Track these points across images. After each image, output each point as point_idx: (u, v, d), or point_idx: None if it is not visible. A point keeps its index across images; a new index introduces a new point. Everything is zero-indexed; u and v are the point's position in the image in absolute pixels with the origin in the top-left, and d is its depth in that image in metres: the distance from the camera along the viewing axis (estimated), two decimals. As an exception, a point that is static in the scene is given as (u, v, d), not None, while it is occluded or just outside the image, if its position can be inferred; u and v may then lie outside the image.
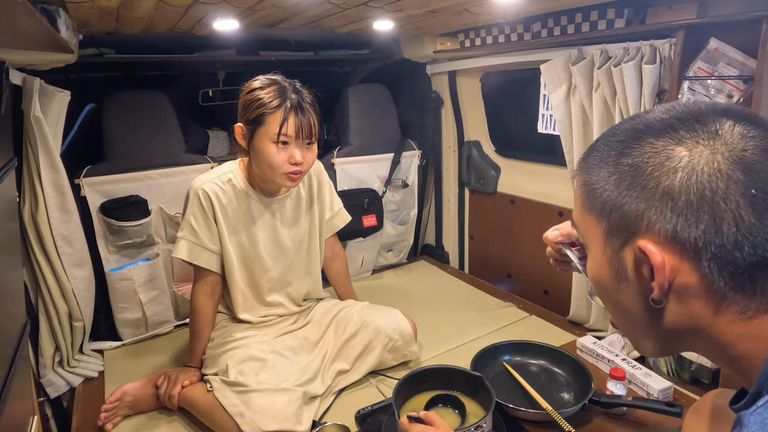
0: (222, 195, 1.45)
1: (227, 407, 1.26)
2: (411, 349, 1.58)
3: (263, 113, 1.34)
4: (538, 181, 2.14)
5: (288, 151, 1.36)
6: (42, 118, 1.43)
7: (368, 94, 2.37)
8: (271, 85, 1.37)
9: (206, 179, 1.46)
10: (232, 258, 1.48)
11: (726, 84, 1.33)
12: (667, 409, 1.24)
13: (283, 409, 1.24)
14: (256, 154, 1.38)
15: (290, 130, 1.34)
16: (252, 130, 1.37)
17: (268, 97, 1.35)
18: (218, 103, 2.73)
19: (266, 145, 1.35)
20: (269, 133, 1.34)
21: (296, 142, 1.36)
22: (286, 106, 1.34)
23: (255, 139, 1.37)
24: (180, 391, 1.41)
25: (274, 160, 1.35)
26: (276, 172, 1.37)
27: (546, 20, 1.67)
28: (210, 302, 1.48)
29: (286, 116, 1.33)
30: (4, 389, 0.91)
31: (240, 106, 1.41)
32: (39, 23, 0.90)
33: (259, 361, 1.36)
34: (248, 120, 1.37)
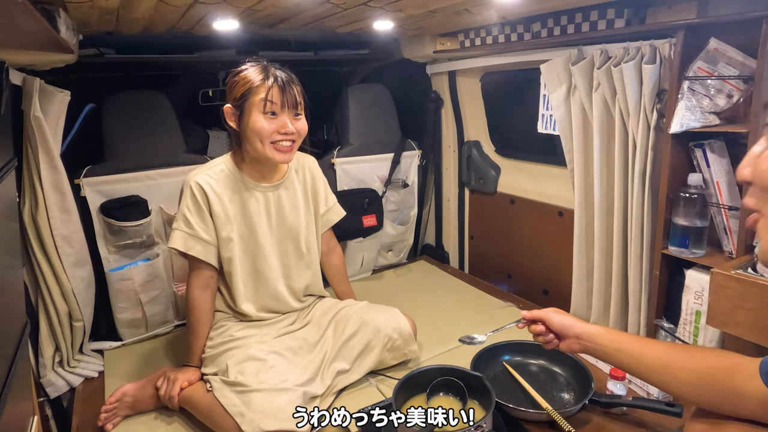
0: (216, 185, 1.46)
1: (227, 407, 1.26)
2: (411, 348, 1.58)
3: (249, 88, 1.39)
4: (538, 181, 2.14)
5: (277, 121, 1.40)
6: (42, 118, 1.43)
7: (368, 94, 2.37)
8: (254, 65, 1.43)
9: (199, 172, 1.48)
10: (232, 247, 1.49)
11: (726, 84, 1.33)
12: (667, 409, 1.24)
13: (283, 409, 1.24)
14: (246, 128, 1.41)
15: (276, 97, 1.39)
16: (240, 106, 1.41)
17: (251, 73, 1.41)
18: (218, 103, 2.72)
19: (255, 116, 1.39)
20: (256, 103, 1.38)
21: (284, 112, 1.41)
22: (269, 78, 1.40)
23: (244, 114, 1.41)
24: (180, 392, 1.41)
25: (263, 130, 1.39)
26: (265, 142, 1.40)
27: (546, 20, 1.67)
28: (205, 296, 1.48)
29: (271, 86, 1.39)
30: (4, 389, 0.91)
31: (227, 90, 1.45)
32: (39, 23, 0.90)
33: (259, 361, 1.36)
34: (235, 99, 1.41)
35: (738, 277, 1.14)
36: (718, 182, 1.37)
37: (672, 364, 0.99)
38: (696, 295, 1.41)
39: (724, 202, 1.37)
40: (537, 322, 1.23)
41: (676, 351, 1.02)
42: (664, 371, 1.00)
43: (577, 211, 1.78)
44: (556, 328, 1.19)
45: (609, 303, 1.74)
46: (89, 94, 2.30)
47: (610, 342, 1.09)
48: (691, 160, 1.43)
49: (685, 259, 1.42)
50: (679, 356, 0.99)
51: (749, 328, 1.13)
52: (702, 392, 0.93)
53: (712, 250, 1.42)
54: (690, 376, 0.95)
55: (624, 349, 1.07)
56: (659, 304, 1.55)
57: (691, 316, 1.43)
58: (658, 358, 1.01)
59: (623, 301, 1.69)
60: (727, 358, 0.93)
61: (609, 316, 1.74)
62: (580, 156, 1.73)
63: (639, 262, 1.58)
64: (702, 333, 1.41)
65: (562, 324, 1.18)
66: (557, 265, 2.04)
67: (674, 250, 1.44)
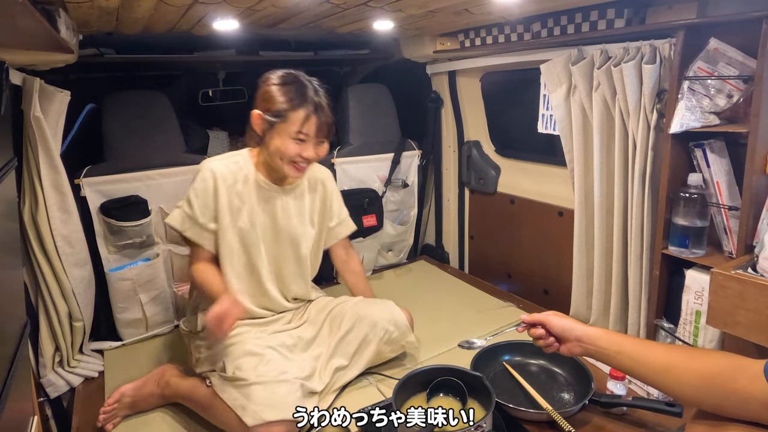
0: (228, 175, 1.47)
1: (228, 401, 1.26)
2: (408, 339, 1.58)
3: (285, 109, 1.38)
4: (538, 181, 2.14)
5: (302, 146, 1.41)
6: (42, 118, 1.43)
7: (368, 94, 2.37)
8: (293, 82, 1.42)
9: (216, 159, 1.50)
10: (230, 238, 1.49)
11: (726, 84, 1.33)
12: (667, 409, 1.24)
13: (284, 399, 1.24)
14: (271, 143, 1.43)
15: (310, 129, 1.40)
16: (271, 123, 1.40)
17: (290, 93, 1.39)
18: (218, 103, 2.73)
19: (284, 139, 1.40)
20: (289, 130, 1.39)
21: (311, 139, 1.41)
22: (308, 105, 1.39)
23: (273, 131, 1.41)
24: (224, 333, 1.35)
25: (287, 152, 1.40)
26: (285, 160, 1.42)
27: (546, 20, 1.67)
28: (206, 264, 1.50)
29: (308, 116, 1.38)
30: (4, 389, 0.91)
31: (260, 96, 1.44)
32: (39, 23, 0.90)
33: (257, 356, 1.36)
34: (268, 111, 1.41)
35: (738, 277, 1.14)
36: (718, 182, 1.37)
37: (673, 366, 0.99)
38: (696, 295, 1.41)
39: (724, 202, 1.37)
40: (537, 326, 1.22)
41: (678, 353, 1.02)
42: (665, 373, 1.00)
43: (577, 211, 1.78)
44: (557, 331, 1.18)
45: (609, 303, 1.74)
46: (89, 94, 2.30)
47: (611, 344, 1.09)
48: (691, 160, 1.43)
49: (685, 259, 1.42)
50: (680, 358, 0.99)
51: (749, 328, 1.13)
52: (704, 394, 0.93)
53: (712, 250, 1.42)
54: (691, 377, 0.95)
55: (625, 351, 1.07)
56: (659, 304, 1.55)
57: (691, 316, 1.43)
58: (659, 360, 1.01)
59: (623, 301, 1.69)
60: (729, 359, 0.93)
61: (609, 316, 1.74)
62: (580, 156, 1.73)
63: (639, 262, 1.58)
64: (702, 333, 1.41)
65: (562, 327, 1.17)
66: (557, 265, 2.04)
67: (674, 250, 1.44)
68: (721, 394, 0.90)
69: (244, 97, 2.76)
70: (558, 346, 1.20)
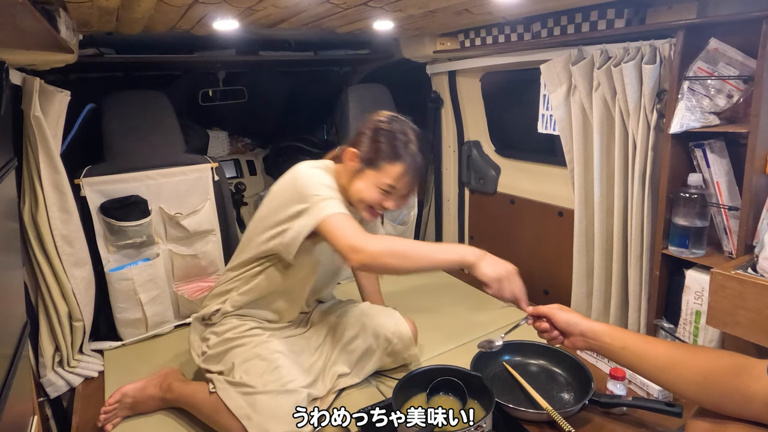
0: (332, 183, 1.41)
1: (233, 409, 1.26)
2: (411, 352, 1.57)
3: (382, 160, 1.34)
4: (538, 181, 2.14)
5: (386, 197, 1.37)
6: (42, 118, 1.43)
7: (368, 94, 2.37)
8: (398, 132, 1.36)
9: (321, 165, 1.41)
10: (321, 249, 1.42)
11: (726, 84, 1.33)
12: (667, 409, 1.24)
13: (290, 411, 1.24)
14: (355, 182, 1.37)
15: (402, 186, 1.36)
16: (363, 164, 1.36)
17: (392, 145, 1.34)
18: (218, 103, 2.73)
19: (370, 186, 1.35)
20: (379, 180, 1.34)
21: (398, 193, 1.37)
22: (407, 162, 1.34)
23: (363, 174, 1.36)
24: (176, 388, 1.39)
25: (369, 199, 1.36)
26: (363, 204, 1.38)
27: (546, 20, 1.67)
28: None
29: (404, 173, 1.34)
30: (4, 389, 0.91)
31: (360, 134, 1.39)
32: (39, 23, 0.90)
33: (265, 360, 1.35)
34: (364, 155, 1.36)
35: (738, 277, 1.14)
36: (718, 182, 1.37)
37: (676, 363, 0.99)
38: (696, 295, 1.41)
39: (724, 202, 1.37)
40: (542, 318, 1.22)
41: (681, 350, 1.02)
42: (668, 370, 1.00)
43: (577, 211, 1.78)
44: (561, 325, 1.18)
45: (609, 303, 1.74)
46: (89, 94, 2.30)
47: (615, 340, 1.09)
48: (691, 160, 1.43)
49: (685, 259, 1.42)
50: (683, 355, 0.99)
51: (749, 328, 1.13)
52: (706, 392, 0.93)
53: (712, 250, 1.42)
54: (694, 375, 0.95)
55: (628, 347, 1.07)
56: (659, 304, 1.55)
57: (691, 316, 1.43)
58: (663, 357, 1.01)
59: (623, 301, 1.69)
60: (732, 358, 0.93)
61: (609, 316, 1.74)
62: (580, 156, 1.73)
63: (639, 262, 1.58)
64: (702, 333, 1.41)
65: (567, 321, 1.17)
66: (557, 265, 2.04)
67: (674, 250, 1.44)
68: (723, 392, 0.90)
69: (244, 97, 2.76)
70: (562, 340, 1.20)
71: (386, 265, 1.21)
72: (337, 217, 1.24)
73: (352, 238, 1.21)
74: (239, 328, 1.45)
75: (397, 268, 1.22)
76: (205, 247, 1.98)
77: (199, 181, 1.94)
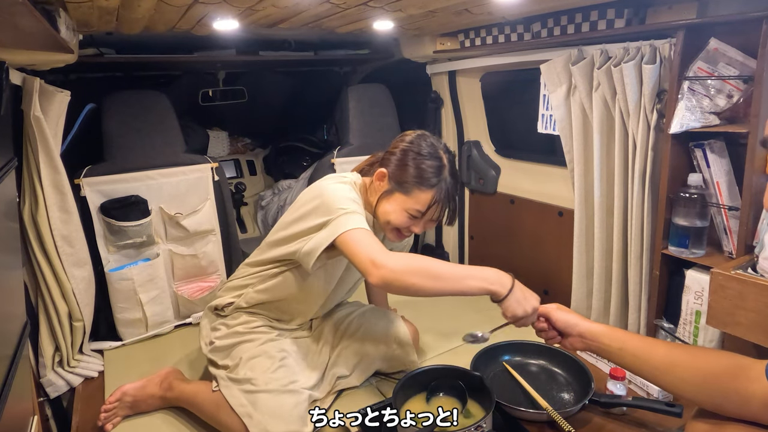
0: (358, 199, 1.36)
1: (235, 407, 1.26)
2: (410, 358, 1.56)
3: (414, 185, 1.30)
4: (538, 181, 2.14)
5: (414, 221, 1.34)
6: (42, 118, 1.43)
7: (368, 94, 2.37)
8: (432, 158, 1.32)
9: (349, 180, 1.38)
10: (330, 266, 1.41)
11: (726, 84, 1.33)
12: (667, 409, 1.24)
13: (291, 411, 1.24)
14: (384, 204, 1.35)
15: (431, 213, 1.33)
16: (394, 188, 1.33)
17: (426, 172, 1.30)
18: (218, 103, 2.73)
19: (398, 210, 1.32)
20: (408, 205, 1.31)
21: (426, 218, 1.34)
22: (440, 189, 1.30)
23: (392, 197, 1.33)
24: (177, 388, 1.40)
25: (396, 222, 1.33)
26: (389, 226, 1.35)
27: (546, 20, 1.67)
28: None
29: (436, 201, 1.31)
30: (4, 389, 0.91)
31: (392, 155, 1.36)
32: (39, 23, 0.90)
33: (271, 358, 1.35)
34: (395, 177, 1.32)
35: (738, 277, 1.14)
36: (718, 182, 1.37)
37: (675, 364, 0.99)
38: (696, 295, 1.41)
39: (724, 202, 1.37)
40: (540, 318, 1.22)
41: (680, 351, 1.02)
42: (666, 371, 1.00)
43: (577, 211, 1.78)
44: (560, 325, 1.18)
45: (609, 303, 1.74)
46: (89, 94, 2.30)
47: (613, 341, 1.09)
48: (691, 160, 1.42)
49: (685, 259, 1.42)
50: (682, 356, 0.99)
51: (749, 328, 1.13)
52: (705, 393, 0.93)
53: (712, 250, 1.42)
54: (693, 376, 0.95)
55: (627, 348, 1.07)
56: (659, 304, 1.55)
57: (691, 316, 1.43)
58: (661, 358, 1.01)
59: (623, 301, 1.69)
60: (731, 359, 0.93)
61: (609, 316, 1.74)
62: (580, 156, 1.73)
63: (639, 262, 1.58)
64: (702, 333, 1.41)
65: (565, 322, 1.17)
66: (557, 265, 2.04)
67: (674, 250, 1.44)
68: (722, 393, 0.90)
69: (244, 97, 2.76)
70: (560, 339, 1.20)
71: (409, 284, 1.12)
72: (357, 232, 1.19)
73: (373, 253, 1.14)
74: (250, 323, 1.45)
75: (422, 289, 1.13)
76: (205, 247, 1.98)
77: (199, 181, 1.94)
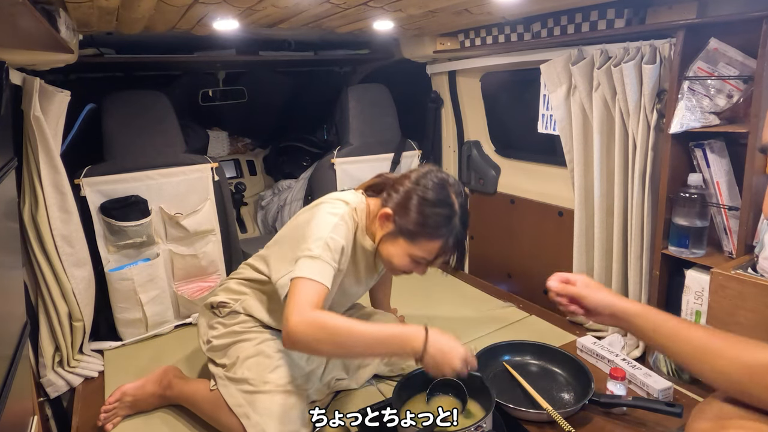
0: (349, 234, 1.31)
1: (233, 407, 1.26)
2: (409, 362, 1.54)
3: (420, 235, 1.23)
4: (538, 181, 2.14)
5: (417, 265, 1.29)
6: (42, 118, 1.43)
7: (368, 94, 2.37)
8: (442, 206, 1.23)
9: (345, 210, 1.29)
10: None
11: (726, 84, 1.33)
12: (667, 409, 1.24)
13: (289, 412, 1.24)
14: (387, 246, 1.28)
15: (437, 261, 1.28)
16: (398, 233, 1.25)
17: (434, 220, 1.22)
18: (218, 103, 2.73)
19: (401, 254, 1.26)
20: (413, 252, 1.25)
21: (432, 263, 1.30)
22: (447, 239, 1.23)
23: (397, 241, 1.26)
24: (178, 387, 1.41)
25: (398, 266, 1.29)
26: (390, 267, 1.31)
27: (546, 20, 1.67)
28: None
29: (443, 250, 1.25)
30: (4, 389, 0.91)
31: (398, 196, 1.26)
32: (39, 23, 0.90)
33: (268, 358, 1.35)
34: (401, 224, 1.24)
35: (738, 277, 1.14)
36: (718, 182, 1.37)
37: (710, 352, 0.93)
38: (696, 295, 1.41)
39: (724, 202, 1.37)
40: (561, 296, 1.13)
41: (717, 338, 0.95)
42: (701, 358, 0.94)
43: (577, 211, 1.78)
44: (591, 306, 1.09)
45: (609, 303, 1.74)
46: (89, 94, 2.30)
47: (647, 322, 1.02)
48: (691, 160, 1.43)
49: (685, 259, 1.42)
50: (718, 343, 0.93)
51: (749, 328, 1.13)
52: (737, 384, 0.88)
53: (712, 250, 1.42)
54: (727, 365, 0.90)
55: (661, 331, 0.99)
56: (659, 304, 1.55)
57: (691, 316, 1.43)
58: (696, 343, 0.95)
59: (623, 301, 1.69)
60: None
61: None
62: (580, 156, 1.73)
63: (639, 262, 1.58)
64: (702, 333, 1.41)
65: (598, 302, 1.08)
66: (557, 265, 2.03)
67: (674, 250, 1.44)
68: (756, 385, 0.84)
69: (244, 97, 2.76)
70: (582, 313, 1.11)
71: (314, 350, 1.13)
72: (304, 283, 1.13)
73: (297, 309, 1.09)
74: (247, 323, 1.45)
75: (328, 354, 1.16)
76: (205, 247, 1.98)
77: (199, 181, 1.94)
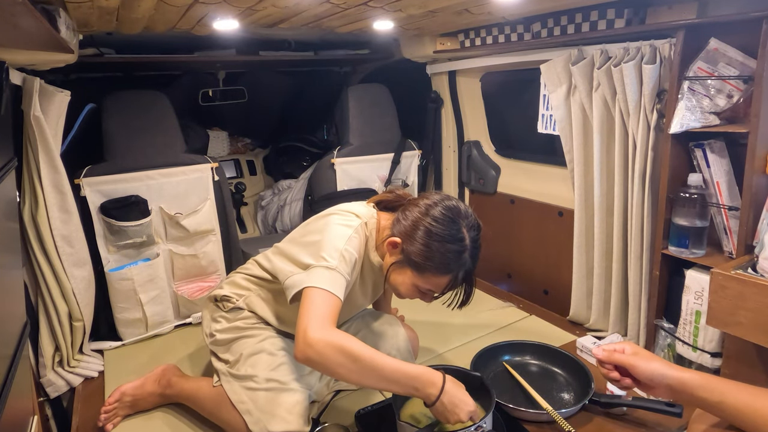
0: (361, 247, 1.30)
1: (236, 403, 1.26)
2: None
3: (428, 270, 1.20)
4: (538, 181, 2.14)
5: (423, 295, 1.29)
6: (42, 118, 1.43)
7: (368, 94, 2.37)
8: (453, 241, 1.20)
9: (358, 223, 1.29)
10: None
11: (726, 84, 1.33)
12: (667, 409, 1.24)
13: (291, 410, 1.24)
14: (394, 274, 1.26)
15: (445, 296, 1.28)
16: (406, 263, 1.23)
17: (444, 257, 1.19)
18: (218, 103, 2.73)
19: (409, 284, 1.25)
20: (420, 284, 1.23)
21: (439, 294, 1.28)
22: (456, 274, 1.22)
23: (404, 271, 1.24)
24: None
25: (405, 294, 1.28)
26: (397, 293, 1.31)
27: (546, 20, 1.67)
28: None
29: (451, 284, 1.24)
30: (4, 389, 0.91)
31: (408, 226, 1.23)
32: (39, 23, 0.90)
33: (272, 355, 1.35)
34: (410, 255, 1.21)
35: (738, 277, 1.14)
36: (718, 182, 1.37)
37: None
38: (696, 295, 1.41)
39: (724, 202, 1.37)
40: (609, 366, 1.09)
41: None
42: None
43: (577, 211, 1.79)
44: (644, 378, 1.04)
45: (609, 303, 1.75)
46: (89, 94, 2.30)
47: (713, 394, 0.96)
48: (691, 160, 1.43)
49: (685, 259, 1.42)
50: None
51: (749, 328, 1.13)
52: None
53: (712, 250, 1.42)
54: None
55: (727, 401, 0.94)
56: (659, 304, 1.55)
57: (691, 316, 1.43)
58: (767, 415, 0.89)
59: (623, 301, 1.70)
60: None
61: (609, 316, 1.75)
62: (580, 156, 1.73)
63: (639, 262, 1.58)
64: (702, 333, 1.41)
65: (651, 373, 1.02)
66: (557, 265, 2.04)
67: (674, 250, 1.44)
68: None
69: (244, 97, 2.76)
70: (633, 386, 1.07)
71: (332, 372, 1.06)
72: (318, 293, 1.11)
73: (313, 323, 1.05)
74: (250, 319, 1.44)
75: (344, 378, 1.08)
76: (205, 247, 1.98)
77: (199, 181, 1.94)
